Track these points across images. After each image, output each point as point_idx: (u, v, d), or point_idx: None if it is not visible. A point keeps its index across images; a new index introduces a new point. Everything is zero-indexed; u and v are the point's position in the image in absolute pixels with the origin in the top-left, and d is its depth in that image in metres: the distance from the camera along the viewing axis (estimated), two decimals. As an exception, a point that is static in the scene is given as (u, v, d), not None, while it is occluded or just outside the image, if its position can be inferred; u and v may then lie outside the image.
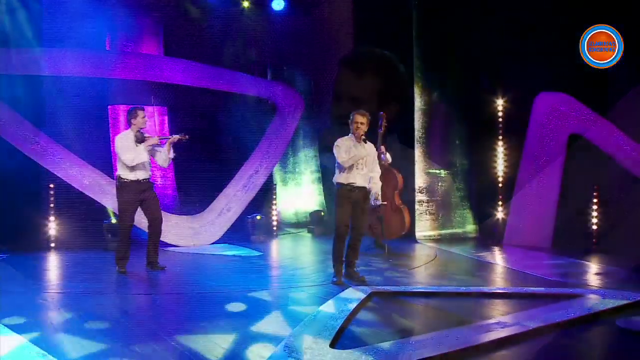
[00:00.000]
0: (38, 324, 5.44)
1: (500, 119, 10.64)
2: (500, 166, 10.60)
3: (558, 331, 5.15)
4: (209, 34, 11.90)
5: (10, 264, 8.35)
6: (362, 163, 7.12)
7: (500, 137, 10.68)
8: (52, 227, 9.60)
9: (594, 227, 9.59)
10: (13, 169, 9.36)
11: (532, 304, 6.13)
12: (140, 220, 8.44)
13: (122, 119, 11.05)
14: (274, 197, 11.30)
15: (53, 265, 8.80)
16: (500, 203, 10.62)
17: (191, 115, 11.81)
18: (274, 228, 11.12)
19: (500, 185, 10.65)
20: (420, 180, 10.71)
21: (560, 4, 9.58)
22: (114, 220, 9.46)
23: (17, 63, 9.71)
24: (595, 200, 9.58)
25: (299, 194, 12.51)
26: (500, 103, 10.55)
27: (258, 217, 10.60)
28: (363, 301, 6.18)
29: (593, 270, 8.16)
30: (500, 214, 10.48)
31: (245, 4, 12.25)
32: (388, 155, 9.00)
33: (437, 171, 10.69)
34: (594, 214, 9.62)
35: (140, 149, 7.59)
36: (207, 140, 11.60)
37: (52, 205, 9.62)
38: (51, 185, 9.60)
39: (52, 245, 9.51)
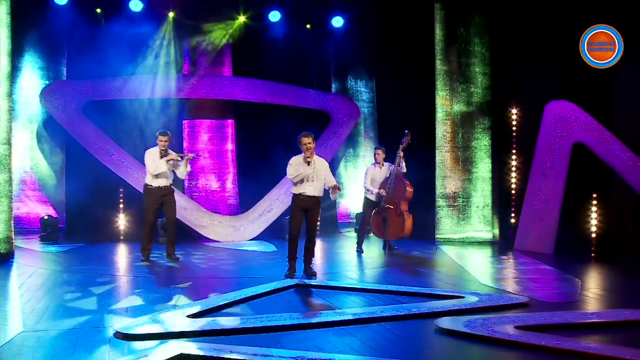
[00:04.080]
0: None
1: (515, 128, 10.89)
2: (514, 174, 10.85)
3: (375, 324, 5.67)
4: (274, 54, 13.36)
5: (83, 251, 10.39)
6: (311, 178, 8.16)
7: (515, 146, 10.92)
8: (122, 223, 11.79)
9: (593, 235, 9.53)
10: (93, 176, 11.70)
11: (407, 301, 6.66)
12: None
13: (201, 130, 13.04)
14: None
15: (113, 253, 10.75)
16: (513, 210, 10.85)
17: (251, 127, 13.44)
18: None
19: (513, 192, 10.88)
20: (442, 186, 11.27)
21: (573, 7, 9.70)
22: (166, 219, 11.35)
23: (106, 90, 12.06)
24: (594, 209, 9.52)
25: (352, 197, 13.60)
26: (514, 112, 10.81)
27: (295, 219, 11.76)
28: (277, 290, 7.28)
29: (550, 281, 7.91)
30: (513, 220, 10.72)
31: (307, 26, 13.59)
32: (404, 164, 9.96)
33: (459, 177, 11.14)
34: (594, 222, 9.57)
35: (162, 162, 9.35)
36: (264, 150, 13.11)
37: (121, 205, 11.80)
38: (121, 189, 11.78)
39: (121, 237, 11.66)
